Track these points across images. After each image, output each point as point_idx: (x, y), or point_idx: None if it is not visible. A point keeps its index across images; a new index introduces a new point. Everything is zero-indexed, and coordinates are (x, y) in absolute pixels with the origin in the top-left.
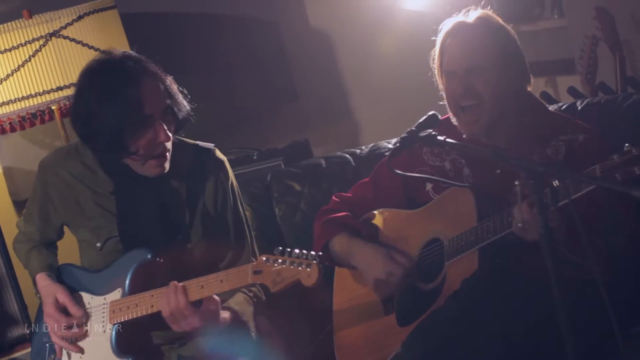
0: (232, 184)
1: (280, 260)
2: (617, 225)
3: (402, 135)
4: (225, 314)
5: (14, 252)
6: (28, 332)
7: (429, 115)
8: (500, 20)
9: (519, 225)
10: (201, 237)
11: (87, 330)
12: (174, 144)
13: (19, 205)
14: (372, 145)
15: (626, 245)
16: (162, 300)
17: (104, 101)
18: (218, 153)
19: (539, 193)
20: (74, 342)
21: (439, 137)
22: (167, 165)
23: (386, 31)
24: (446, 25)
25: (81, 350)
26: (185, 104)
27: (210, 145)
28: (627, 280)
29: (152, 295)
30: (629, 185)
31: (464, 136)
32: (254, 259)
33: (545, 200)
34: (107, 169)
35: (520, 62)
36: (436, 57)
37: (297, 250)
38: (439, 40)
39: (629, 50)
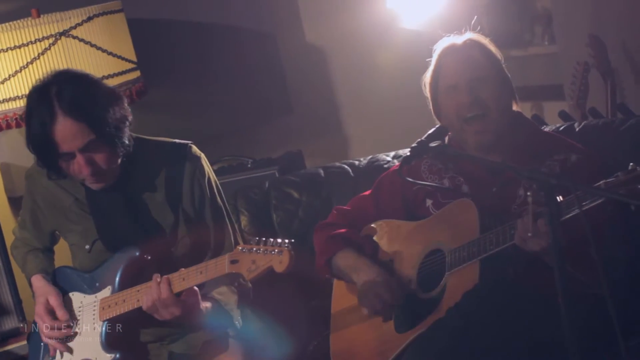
0: (208, 179)
1: (254, 249)
2: (616, 241)
3: (412, 145)
4: (206, 304)
5: (12, 257)
6: (21, 325)
7: (438, 128)
8: (487, 42)
9: (529, 235)
10: (185, 234)
11: (75, 332)
12: (145, 146)
13: (14, 201)
14: (370, 157)
15: (625, 261)
16: (146, 293)
17: (28, 127)
18: (194, 149)
19: (550, 205)
20: (62, 341)
21: (449, 149)
22: (111, 181)
23: (382, 48)
24: (439, 47)
25: (69, 350)
26: (120, 133)
27: (187, 142)
28: (623, 294)
29: (138, 290)
30: (636, 198)
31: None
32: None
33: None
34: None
35: (508, 81)
36: (429, 78)
37: (271, 239)
38: (433, 61)
39: (619, 78)
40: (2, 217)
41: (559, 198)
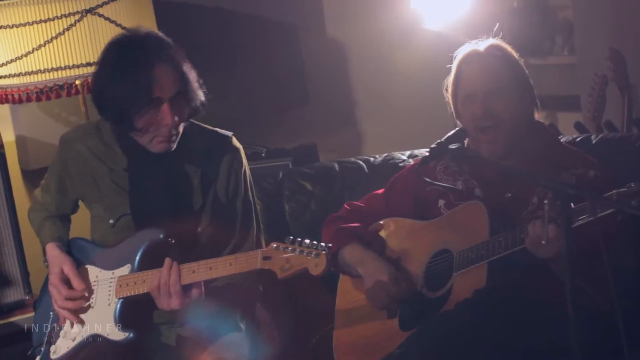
0: (245, 172)
1: (290, 248)
2: (623, 251)
3: (432, 147)
4: (210, 305)
5: (28, 219)
6: (27, 298)
7: (458, 130)
8: (510, 49)
9: (543, 242)
10: (210, 222)
11: (89, 304)
12: (191, 129)
13: (27, 174)
14: (385, 154)
15: (631, 272)
16: (155, 275)
17: (116, 75)
18: (235, 141)
19: (567, 214)
20: (76, 313)
21: (468, 152)
22: (173, 145)
23: (403, 48)
24: (460, 54)
25: (81, 322)
26: (199, 94)
27: (229, 133)
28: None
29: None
30: None
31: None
32: (262, 240)
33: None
34: (121, 144)
35: (531, 90)
36: (450, 84)
37: (307, 240)
38: (454, 68)
39: (636, 93)
40: (15, 190)
41: (571, 205)
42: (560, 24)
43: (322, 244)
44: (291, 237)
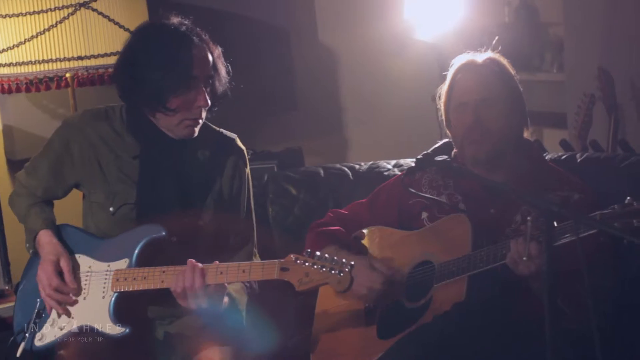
0: (248, 174)
1: (309, 263)
2: (603, 271)
3: (418, 157)
4: (225, 299)
5: (9, 205)
6: (7, 287)
7: (444, 142)
8: (508, 65)
9: (524, 259)
10: (212, 220)
11: (84, 297)
12: (202, 127)
13: (12, 164)
14: (371, 163)
15: (610, 292)
16: (177, 277)
17: (155, 53)
18: (239, 142)
19: (549, 232)
20: (63, 305)
21: (454, 164)
22: (196, 130)
23: (394, 57)
24: (457, 62)
25: (67, 313)
26: (225, 81)
27: (233, 134)
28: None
29: (163, 271)
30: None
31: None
32: (255, 249)
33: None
34: (135, 129)
35: (522, 108)
36: (444, 92)
37: (327, 255)
38: (449, 76)
39: (623, 113)
40: (0, 179)
41: (554, 224)
42: (550, 40)
43: (344, 260)
44: (309, 250)
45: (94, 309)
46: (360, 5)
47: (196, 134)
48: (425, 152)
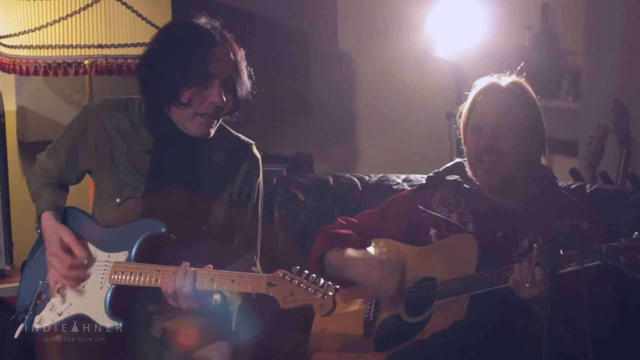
0: (259, 184)
1: (296, 281)
2: (604, 302)
3: (429, 175)
4: (216, 296)
5: (27, 183)
6: (8, 268)
7: (456, 162)
8: (531, 91)
9: (527, 285)
10: (217, 223)
11: (83, 285)
12: (219, 129)
13: (24, 146)
14: (381, 175)
15: (609, 323)
16: (169, 278)
17: (175, 48)
18: (255, 150)
19: (554, 260)
20: (77, 281)
21: (465, 185)
22: (212, 131)
23: (410, 71)
24: (480, 84)
25: (81, 292)
26: (247, 85)
27: (251, 141)
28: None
29: (158, 270)
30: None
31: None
32: (255, 258)
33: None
34: (152, 124)
35: (542, 134)
36: (465, 111)
37: (314, 275)
38: (471, 95)
39: (635, 148)
40: (10, 160)
41: (560, 252)
42: (568, 68)
43: (330, 283)
44: (298, 268)
45: (90, 299)
46: (382, 16)
47: (212, 134)
48: (436, 170)
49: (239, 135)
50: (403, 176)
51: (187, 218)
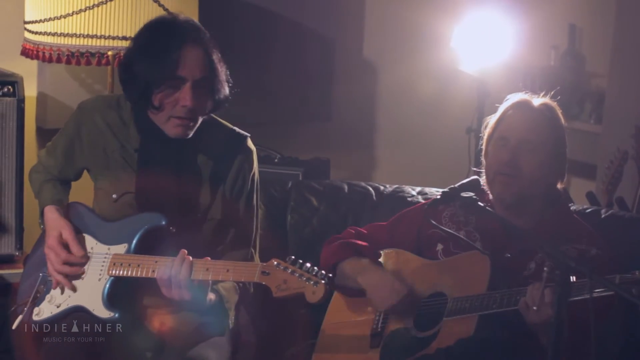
0: (253, 175)
1: (290, 270)
2: (611, 333)
3: (444, 190)
4: (211, 295)
5: (29, 179)
6: (17, 253)
7: (472, 179)
8: (561, 116)
9: (534, 308)
10: (213, 218)
11: (84, 272)
12: (210, 123)
13: (42, 132)
14: (395, 186)
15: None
16: (166, 265)
17: (147, 49)
18: (249, 142)
19: (563, 285)
20: (70, 279)
21: (480, 203)
22: (189, 133)
23: (433, 83)
24: (512, 99)
25: (73, 289)
26: (224, 87)
27: (246, 133)
28: None
29: (155, 261)
30: None
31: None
32: (253, 251)
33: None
34: (138, 122)
35: (563, 160)
36: (492, 122)
37: (308, 265)
38: (501, 108)
39: None
40: (27, 144)
41: (573, 278)
42: (592, 91)
43: (323, 272)
44: (292, 257)
45: (89, 291)
46: (409, 27)
47: (190, 135)
48: (452, 186)
49: (234, 128)
50: (418, 189)
51: (182, 211)
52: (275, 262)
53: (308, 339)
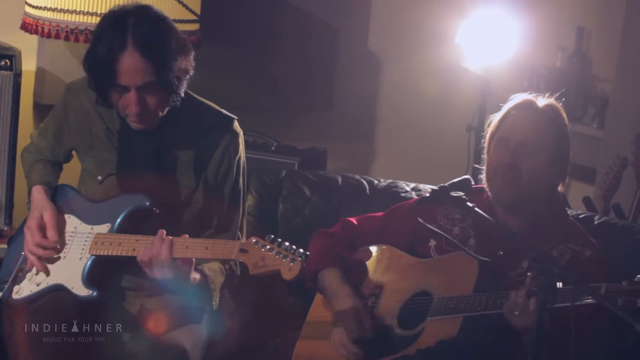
0: (238, 158)
1: (267, 247)
2: (595, 341)
3: (434, 188)
4: (195, 275)
5: (21, 159)
6: (6, 229)
7: (463, 179)
8: (565, 118)
9: (516, 313)
10: (198, 202)
11: (61, 255)
12: (195, 105)
13: (39, 107)
14: (390, 181)
15: None
16: (146, 246)
17: (93, 54)
18: (236, 125)
19: (545, 291)
20: (42, 261)
21: (469, 203)
22: (152, 125)
23: (437, 79)
24: (517, 98)
25: (46, 271)
26: (176, 85)
27: (233, 116)
28: None
29: (137, 240)
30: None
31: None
32: (240, 234)
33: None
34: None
35: (565, 163)
36: (495, 121)
37: (286, 243)
38: (505, 107)
39: None
40: (23, 119)
41: (559, 284)
42: (597, 95)
43: (301, 250)
44: (272, 236)
45: (69, 269)
46: (415, 21)
47: (148, 126)
48: (442, 184)
49: (221, 110)
50: (412, 185)
51: (165, 192)
52: (254, 240)
53: (293, 331)
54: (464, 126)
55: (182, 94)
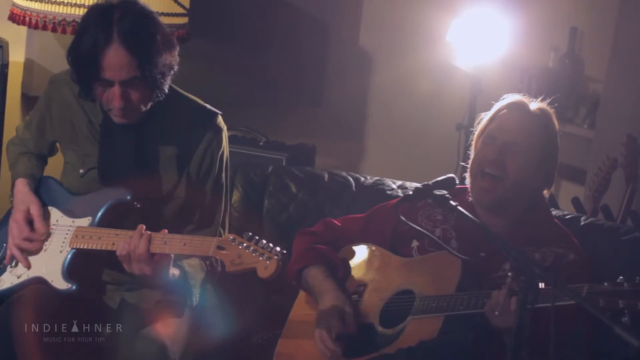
0: (222, 154)
1: (245, 245)
2: (575, 341)
3: (417, 187)
4: (174, 271)
5: (6, 151)
6: None
7: (447, 177)
8: (556, 123)
9: (496, 313)
10: (180, 197)
11: (45, 249)
12: (178, 100)
13: (27, 99)
14: (376, 178)
15: None
16: (125, 240)
17: (77, 47)
18: (220, 120)
19: (525, 292)
20: (26, 255)
21: (452, 202)
22: (134, 120)
23: (427, 77)
24: (509, 98)
25: (28, 266)
26: (160, 81)
27: (217, 111)
28: None
29: (117, 234)
30: (609, 316)
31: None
32: (222, 230)
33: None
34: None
35: (552, 168)
36: (485, 120)
37: (264, 241)
38: (496, 106)
39: None
40: (10, 110)
41: (541, 285)
42: (589, 95)
43: (278, 248)
44: (250, 234)
45: (50, 262)
46: (406, 18)
47: (131, 121)
48: (426, 182)
49: (205, 105)
50: (399, 182)
51: (147, 187)
52: (232, 237)
53: (276, 328)
54: (454, 125)
55: (166, 89)
